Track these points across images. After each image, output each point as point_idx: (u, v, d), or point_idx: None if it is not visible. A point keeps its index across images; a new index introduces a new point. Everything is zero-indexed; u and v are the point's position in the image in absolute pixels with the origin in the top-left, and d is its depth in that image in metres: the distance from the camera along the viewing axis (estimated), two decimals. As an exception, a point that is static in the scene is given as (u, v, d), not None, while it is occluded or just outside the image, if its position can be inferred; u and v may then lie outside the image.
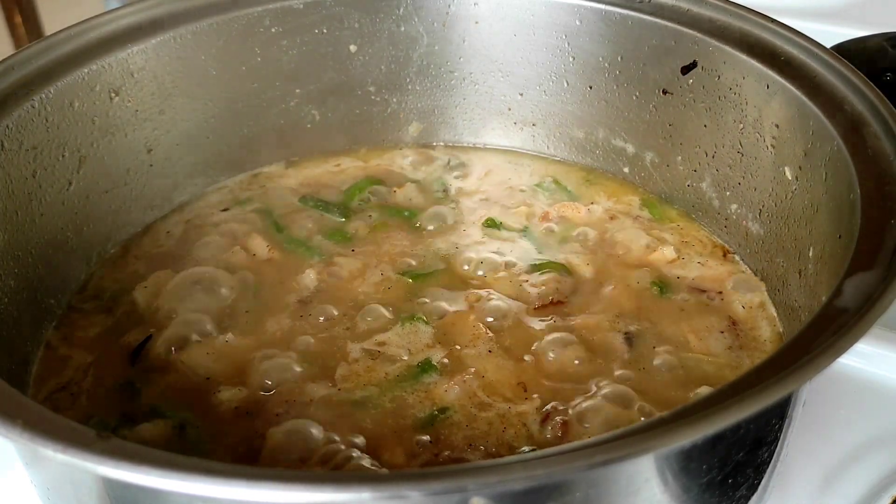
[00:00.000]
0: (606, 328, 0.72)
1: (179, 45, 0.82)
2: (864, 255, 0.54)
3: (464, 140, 0.96)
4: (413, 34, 0.90)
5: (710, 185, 0.82)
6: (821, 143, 0.66)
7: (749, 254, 0.79)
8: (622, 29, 0.82)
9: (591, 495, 0.48)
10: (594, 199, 0.88)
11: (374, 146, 0.95)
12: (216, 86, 0.86)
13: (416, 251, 0.81)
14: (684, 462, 0.51)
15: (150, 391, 0.68)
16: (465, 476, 0.41)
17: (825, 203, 0.66)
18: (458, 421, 0.65)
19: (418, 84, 0.93)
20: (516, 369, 0.69)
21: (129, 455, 0.42)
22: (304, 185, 0.90)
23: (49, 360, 0.72)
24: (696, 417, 0.43)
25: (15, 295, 0.69)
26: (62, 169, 0.75)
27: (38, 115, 0.72)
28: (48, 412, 0.46)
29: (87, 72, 0.76)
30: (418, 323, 0.73)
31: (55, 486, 0.57)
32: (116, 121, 0.80)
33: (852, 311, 0.49)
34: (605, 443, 0.42)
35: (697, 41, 0.78)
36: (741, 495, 0.58)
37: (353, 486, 0.40)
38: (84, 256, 0.79)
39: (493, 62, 0.91)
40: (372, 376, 0.69)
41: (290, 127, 0.92)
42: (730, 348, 0.71)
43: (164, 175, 0.85)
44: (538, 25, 0.87)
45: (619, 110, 0.87)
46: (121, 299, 0.77)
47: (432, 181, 0.91)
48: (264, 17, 0.85)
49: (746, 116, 0.76)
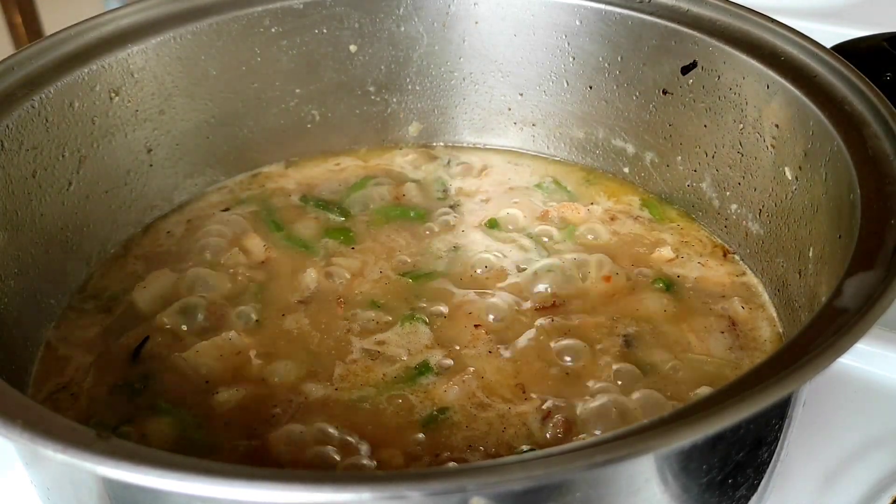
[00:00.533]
0: (606, 329, 0.72)
1: (179, 45, 0.82)
2: (864, 255, 0.54)
3: (464, 140, 0.96)
4: (413, 34, 0.90)
5: (710, 185, 0.82)
6: (821, 143, 0.66)
7: (749, 254, 0.79)
8: (622, 29, 0.82)
9: (591, 495, 0.48)
10: (594, 200, 0.88)
11: (374, 146, 0.95)
12: (216, 86, 0.86)
13: (416, 251, 0.81)
14: (684, 462, 0.51)
15: (150, 391, 0.68)
16: (465, 476, 0.41)
17: (825, 203, 0.66)
18: (458, 421, 0.65)
19: (418, 84, 0.93)
20: (516, 370, 0.69)
21: (129, 455, 0.42)
22: (304, 185, 0.90)
23: (49, 360, 0.72)
24: (696, 417, 0.43)
25: (15, 295, 0.69)
26: (62, 169, 0.75)
27: (38, 115, 0.72)
28: (48, 412, 0.46)
29: (87, 72, 0.76)
30: (418, 323, 0.73)
31: (55, 486, 0.57)
32: (116, 121, 0.80)
33: (852, 311, 0.49)
34: (605, 443, 0.42)
35: (697, 41, 0.78)
36: (741, 495, 0.58)
37: (353, 486, 0.40)
38: (84, 256, 0.79)
39: (493, 62, 0.91)
40: (371, 377, 0.69)
41: (290, 127, 0.92)
42: (730, 349, 0.71)
43: (164, 175, 0.85)
44: (538, 25, 0.87)
45: (619, 110, 0.87)
46: (121, 299, 0.77)
47: (432, 181, 0.91)
48: (264, 17, 0.85)
49: (746, 116, 0.76)
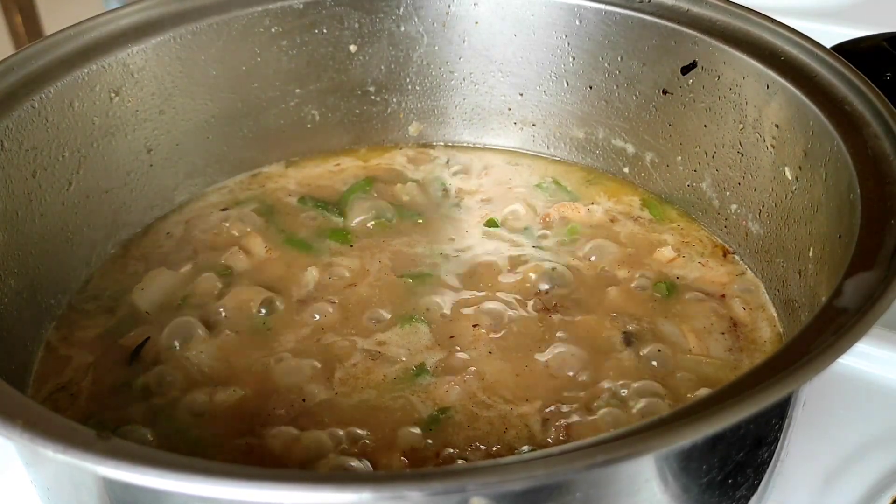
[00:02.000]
0: (606, 329, 0.72)
1: (179, 45, 0.82)
2: (864, 255, 0.54)
3: (464, 140, 0.96)
4: (413, 34, 0.90)
5: (710, 185, 0.82)
6: (821, 143, 0.66)
7: (749, 254, 0.79)
8: (622, 29, 0.82)
9: (592, 495, 0.48)
10: (594, 200, 0.88)
11: (374, 146, 0.95)
12: (216, 86, 0.86)
13: (416, 251, 0.81)
14: (684, 462, 0.51)
15: (150, 391, 0.68)
16: (465, 476, 0.41)
17: (825, 203, 0.66)
18: (459, 422, 0.65)
19: (418, 84, 0.93)
20: (516, 370, 0.69)
21: (129, 455, 0.42)
22: (304, 185, 0.90)
23: (49, 360, 0.72)
24: (696, 417, 0.43)
25: (15, 295, 0.69)
26: (62, 169, 0.75)
27: (38, 115, 0.72)
28: (48, 412, 0.46)
29: (87, 72, 0.76)
30: (418, 323, 0.73)
31: (55, 486, 0.57)
32: (116, 121, 0.80)
33: (852, 311, 0.49)
34: (605, 443, 0.42)
35: (697, 41, 0.78)
36: (741, 495, 0.58)
37: (353, 487, 0.40)
38: (84, 256, 0.79)
39: (493, 62, 0.91)
40: (371, 377, 0.69)
41: (290, 127, 0.92)
42: (730, 350, 0.71)
43: (164, 175, 0.85)
44: (538, 25, 0.87)
45: (619, 110, 0.87)
46: (121, 299, 0.77)
47: (432, 181, 0.91)
48: (264, 17, 0.85)
49: (746, 116, 0.76)
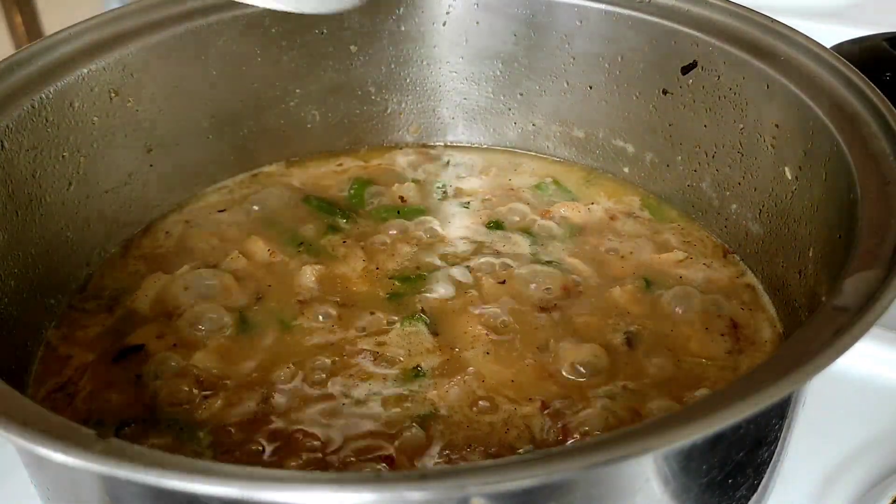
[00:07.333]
0: (607, 329, 0.72)
1: (179, 45, 0.82)
2: (864, 255, 0.53)
3: (464, 140, 0.96)
4: (413, 34, 0.90)
5: (710, 185, 0.82)
6: (821, 143, 0.66)
7: (749, 254, 0.79)
8: (622, 29, 0.82)
9: (591, 495, 0.48)
10: (594, 200, 0.88)
11: (375, 146, 0.95)
12: (216, 86, 0.86)
13: (417, 251, 0.81)
14: (684, 462, 0.51)
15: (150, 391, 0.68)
16: (465, 476, 0.41)
17: (825, 203, 0.66)
18: (459, 422, 0.65)
19: (418, 84, 0.93)
20: (516, 370, 0.69)
21: (129, 456, 0.42)
22: (305, 186, 0.90)
23: (49, 359, 0.72)
24: (696, 417, 0.43)
25: (15, 295, 0.69)
26: (62, 169, 0.75)
27: (38, 115, 0.72)
28: (48, 412, 0.46)
29: (87, 72, 0.76)
30: (418, 324, 0.73)
31: (55, 486, 0.57)
32: (116, 121, 0.79)
33: (852, 310, 0.49)
34: (605, 443, 0.42)
35: (697, 41, 0.78)
36: (741, 495, 0.58)
37: (354, 487, 0.40)
38: (84, 256, 0.79)
39: (493, 62, 0.91)
40: (371, 377, 0.69)
41: (290, 127, 0.92)
42: (730, 351, 0.71)
43: (164, 175, 0.85)
44: (538, 25, 0.87)
45: (619, 110, 0.87)
46: (121, 299, 0.77)
47: (432, 181, 0.91)
48: (264, 17, 0.85)
49: (746, 116, 0.76)
